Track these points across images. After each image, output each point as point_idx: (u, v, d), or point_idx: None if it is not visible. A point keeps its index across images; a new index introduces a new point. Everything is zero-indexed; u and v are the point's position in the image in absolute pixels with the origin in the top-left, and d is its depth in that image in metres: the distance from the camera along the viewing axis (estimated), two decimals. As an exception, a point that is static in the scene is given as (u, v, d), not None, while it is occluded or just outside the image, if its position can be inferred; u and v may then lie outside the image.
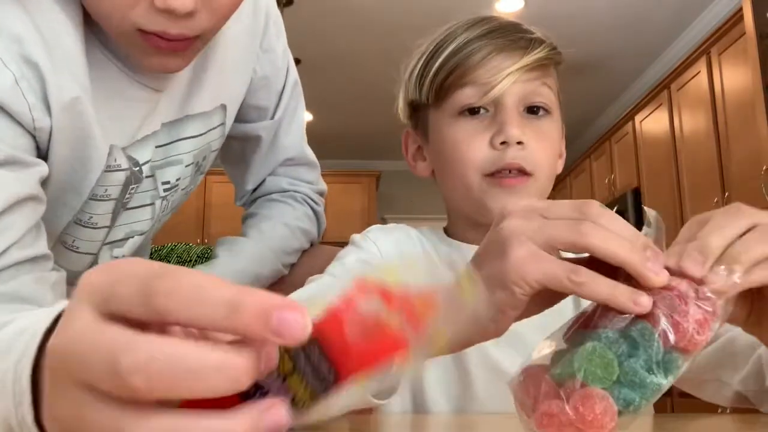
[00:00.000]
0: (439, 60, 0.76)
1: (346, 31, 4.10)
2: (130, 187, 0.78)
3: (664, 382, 0.37)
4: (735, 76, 3.08)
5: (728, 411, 0.81)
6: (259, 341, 0.25)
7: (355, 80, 4.78)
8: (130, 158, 0.76)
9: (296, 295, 0.71)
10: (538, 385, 0.39)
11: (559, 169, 0.83)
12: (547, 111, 0.76)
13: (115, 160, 0.73)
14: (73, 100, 0.65)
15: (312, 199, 1.05)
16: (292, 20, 4.09)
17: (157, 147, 0.79)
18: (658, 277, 0.39)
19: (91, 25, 0.67)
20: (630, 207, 4.06)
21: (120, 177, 0.75)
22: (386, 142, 6.02)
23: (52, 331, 0.31)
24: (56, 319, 0.33)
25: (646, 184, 3.99)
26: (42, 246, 0.65)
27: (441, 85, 0.76)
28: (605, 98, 5.05)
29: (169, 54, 0.64)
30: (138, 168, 0.77)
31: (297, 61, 4.24)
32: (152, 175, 0.81)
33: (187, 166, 0.84)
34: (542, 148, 0.75)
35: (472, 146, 0.74)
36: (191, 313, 0.25)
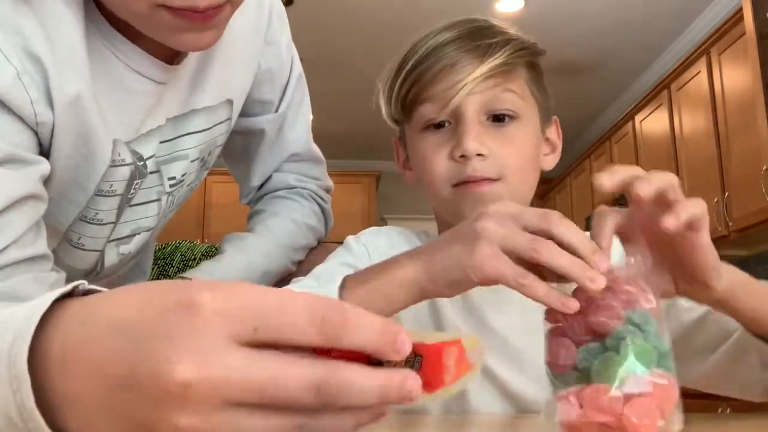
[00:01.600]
0: (400, 78, 0.77)
1: (346, 31, 4.11)
2: (135, 182, 0.77)
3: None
4: (735, 76, 3.08)
5: (728, 411, 0.81)
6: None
7: (356, 80, 4.78)
8: (134, 153, 0.75)
9: None
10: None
11: (551, 165, 0.83)
12: (513, 116, 0.75)
13: (119, 154, 0.72)
14: (75, 95, 0.64)
15: (319, 196, 1.05)
16: (292, 20, 4.07)
17: (161, 142, 0.78)
18: (594, 284, 0.48)
19: (91, 15, 0.66)
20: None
21: (125, 172, 0.74)
22: (386, 142, 5.97)
23: (49, 316, 0.32)
24: (52, 305, 0.33)
25: (646, 184, 3.99)
26: (41, 246, 0.64)
27: (404, 102, 0.77)
28: (605, 98, 5.05)
29: (202, 28, 0.62)
30: (142, 163, 0.77)
31: (297, 61, 4.04)
32: (158, 171, 0.80)
33: (192, 161, 0.84)
34: (508, 154, 0.74)
35: (436, 160, 0.75)
36: (356, 339, 0.31)
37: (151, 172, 0.79)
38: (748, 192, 2.94)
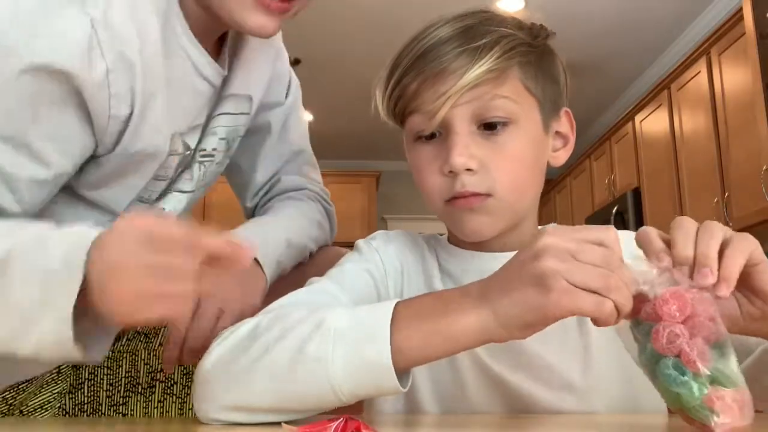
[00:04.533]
0: (389, 88, 0.74)
1: (346, 31, 4.11)
2: (180, 169, 0.86)
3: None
4: (735, 76, 3.08)
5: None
6: None
7: (355, 80, 4.78)
8: (185, 144, 0.83)
9: (287, 300, 0.70)
10: None
11: (562, 160, 0.80)
12: (506, 123, 0.71)
13: (175, 145, 0.80)
14: (151, 95, 0.71)
15: (324, 199, 1.08)
16: (292, 20, 4.08)
17: (203, 132, 0.86)
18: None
19: (172, 9, 0.73)
20: (630, 207, 4.06)
21: (176, 161, 0.83)
22: (386, 142, 6.02)
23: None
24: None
25: (646, 184, 3.99)
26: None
27: (394, 112, 0.75)
28: (605, 98, 5.05)
29: (272, 15, 0.71)
30: (189, 152, 0.85)
31: (297, 61, 4.26)
32: (195, 149, 0.87)
33: (221, 139, 0.89)
34: (501, 165, 0.70)
35: (427, 175, 0.73)
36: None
37: (197, 159, 0.87)
38: (748, 192, 2.94)
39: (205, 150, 0.88)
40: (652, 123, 3.93)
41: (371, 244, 0.82)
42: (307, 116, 5.48)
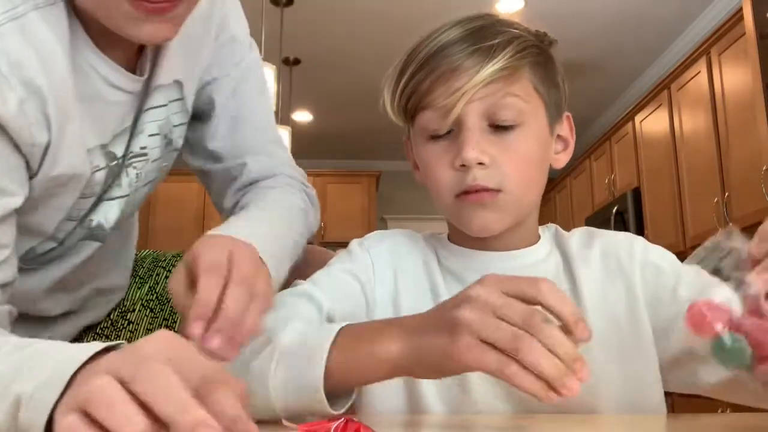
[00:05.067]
0: (401, 84, 0.75)
1: (346, 31, 4.10)
2: (109, 180, 0.83)
3: None
4: (735, 76, 3.08)
5: (728, 411, 0.81)
6: None
7: (355, 80, 4.78)
8: (108, 154, 0.81)
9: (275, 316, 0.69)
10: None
11: (563, 163, 0.81)
12: (516, 123, 0.72)
13: (96, 160, 0.79)
14: (65, 117, 0.70)
15: (303, 182, 1.04)
16: (292, 20, 4.09)
17: (130, 137, 0.84)
18: (570, 393, 0.50)
19: (75, 32, 0.71)
20: (630, 207, 4.06)
21: (101, 175, 0.81)
22: (386, 142, 6.01)
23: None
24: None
25: (646, 184, 3.99)
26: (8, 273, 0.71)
27: (405, 109, 0.76)
28: (605, 98, 5.06)
29: (158, 20, 0.67)
30: (115, 162, 0.83)
31: (297, 61, 4.26)
32: (124, 155, 0.85)
33: (151, 135, 0.86)
34: (510, 162, 0.72)
35: (438, 170, 0.74)
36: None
37: (121, 157, 0.84)
38: (748, 192, 2.94)
39: (132, 152, 0.85)
40: (652, 123, 3.93)
41: (363, 244, 0.83)
42: (307, 116, 5.48)
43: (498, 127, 0.72)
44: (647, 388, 0.74)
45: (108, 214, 0.87)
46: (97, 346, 0.43)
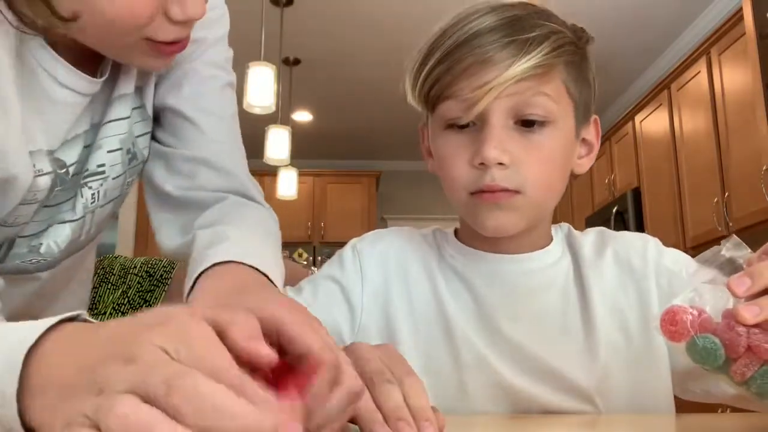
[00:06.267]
0: (425, 70, 0.70)
1: (346, 31, 4.10)
2: (56, 189, 0.76)
3: None
4: (735, 76, 3.08)
5: (728, 411, 0.81)
6: None
7: (355, 80, 4.78)
8: (56, 161, 0.74)
9: None
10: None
11: (585, 168, 0.77)
12: (544, 122, 0.68)
13: (35, 165, 0.72)
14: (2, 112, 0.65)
15: (262, 201, 0.89)
16: (292, 20, 4.09)
17: (85, 147, 0.77)
18: None
19: (23, 34, 0.67)
20: (630, 207, 4.06)
21: (45, 181, 0.74)
22: (386, 142, 6.01)
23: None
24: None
25: (646, 184, 3.99)
26: None
27: (427, 96, 0.71)
28: (605, 98, 5.06)
29: (166, 57, 0.68)
30: (64, 170, 0.76)
31: (297, 61, 4.26)
32: (78, 173, 0.78)
33: (110, 151, 0.79)
34: (533, 163, 0.68)
35: (456, 165, 0.70)
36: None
37: (74, 175, 0.77)
38: (748, 192, 2.94)
39: (88, 170, 0.77)
40: (652, 123, 3.93)
41: (355, 247, 0.81)
42: (307, 116, 5.48)
43: (523, 126, 0.68)
44: (657, 398, 0.72)
45: (58, 238, 0.80)
46: (48, 321, 0.37)
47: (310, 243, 5.95)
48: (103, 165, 0.79)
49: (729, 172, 3.12)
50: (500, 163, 0.67)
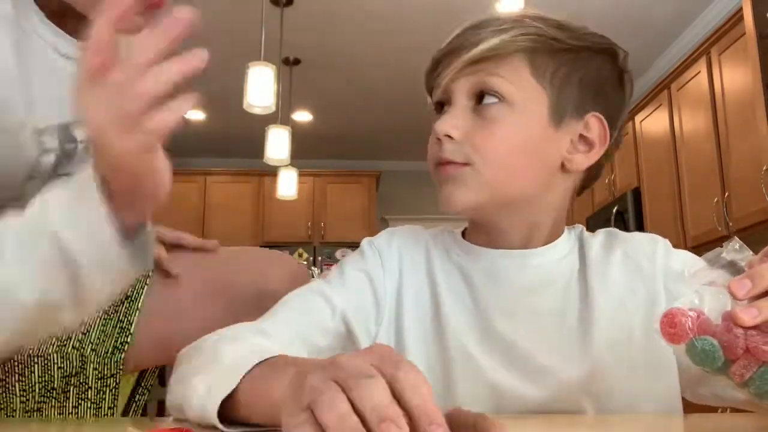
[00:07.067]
0: (429, 68, 0.79)
1: (346, 31, 4.10)
2: (63, 164, 0.79)
3: None
4: (735, 76, 3.08)
5: (728, 411, 0.81)
6: None
7: (355, 80, 4.78)
8: (67, 134, 0.77)
9: (283, 300, 0.75)
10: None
11: (580, 164, 0.76)
12: (499, 99, 0.72)
13: (43, 142, 0.74)
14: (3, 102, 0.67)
15: None
16: (292, 20, 4.09)
17: None
18: None
19: (26, 6, 0.69)
20: (630, 207, 4.06)
21: (51, 159, 0.76)
22: (386, 142, 6.01)
23: None
24: None
25: (646, 184, 3.99)
26: None
27: (429, 90, 0.80)
28: (605, 98, 5.05)
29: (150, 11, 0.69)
30: (74, 145, 0.78)
31: (297, 61, 4.26)
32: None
33: None
34: (484, 138, 0.72)
35: (430, 142, 0.76)
36: None
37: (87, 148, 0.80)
38: (748, 192, 2.94)
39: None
40: (652, 123, 3.94)
41: (372, 243, 0.83)
42: (307, 116, 5.48)
43: (481, 106, 0.74)
44: (662, 401, 0.72)
45: None
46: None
47: (310, 243, 5.95)
48: None
49: (729, 172, 3.12)
50: (449, 136, 0.73)
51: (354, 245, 0.85)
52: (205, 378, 0.54)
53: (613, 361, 0.72)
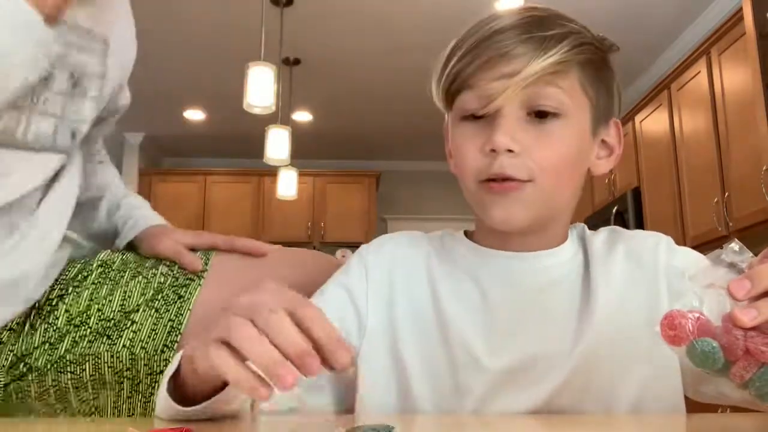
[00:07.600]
0: (449, 66, 0.73)
1: (346, 31, 4.10)
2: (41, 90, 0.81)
3: None
4: (735, 76, 3.08)
5: (728, 411, 0.81)
6: None
7: (355, 80, 4.78)
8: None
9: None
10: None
11: (604, 169, 0.78)
12: (556, 114, 0.70)
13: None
14: None
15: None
16: (292, 20, 4.09)
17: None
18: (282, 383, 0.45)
19: None
20: (630, 207, 4.06)
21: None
22: (386, 142, 6.01)
23: None
24: None
25: (646, 184, 3.99)
26: None
27: (448, 90, 0.74)
28: (605, 98, 5.05)
29: None
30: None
31: (297, 61, 4.27)
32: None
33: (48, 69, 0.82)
34: (544, 151, 0.69)
35: (467, 152, 0.72)
36: None
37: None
38: (748, 192, 2.94)
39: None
40: (652, 123, 3.94)
41: (362, 252, 0.83)
42: (307, 116, 5.48)
43: (536, 117, 0.70)
44: (667, 401, 0.72)
45: (41, 127, 0.82)
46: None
47: (310, 243, 5.95)
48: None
49: (729, 172, 3.12)
50: (510, 151, 0.69)
51: (354, 245, 0.85)
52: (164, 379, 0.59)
53: (616, 359, 0.71)
